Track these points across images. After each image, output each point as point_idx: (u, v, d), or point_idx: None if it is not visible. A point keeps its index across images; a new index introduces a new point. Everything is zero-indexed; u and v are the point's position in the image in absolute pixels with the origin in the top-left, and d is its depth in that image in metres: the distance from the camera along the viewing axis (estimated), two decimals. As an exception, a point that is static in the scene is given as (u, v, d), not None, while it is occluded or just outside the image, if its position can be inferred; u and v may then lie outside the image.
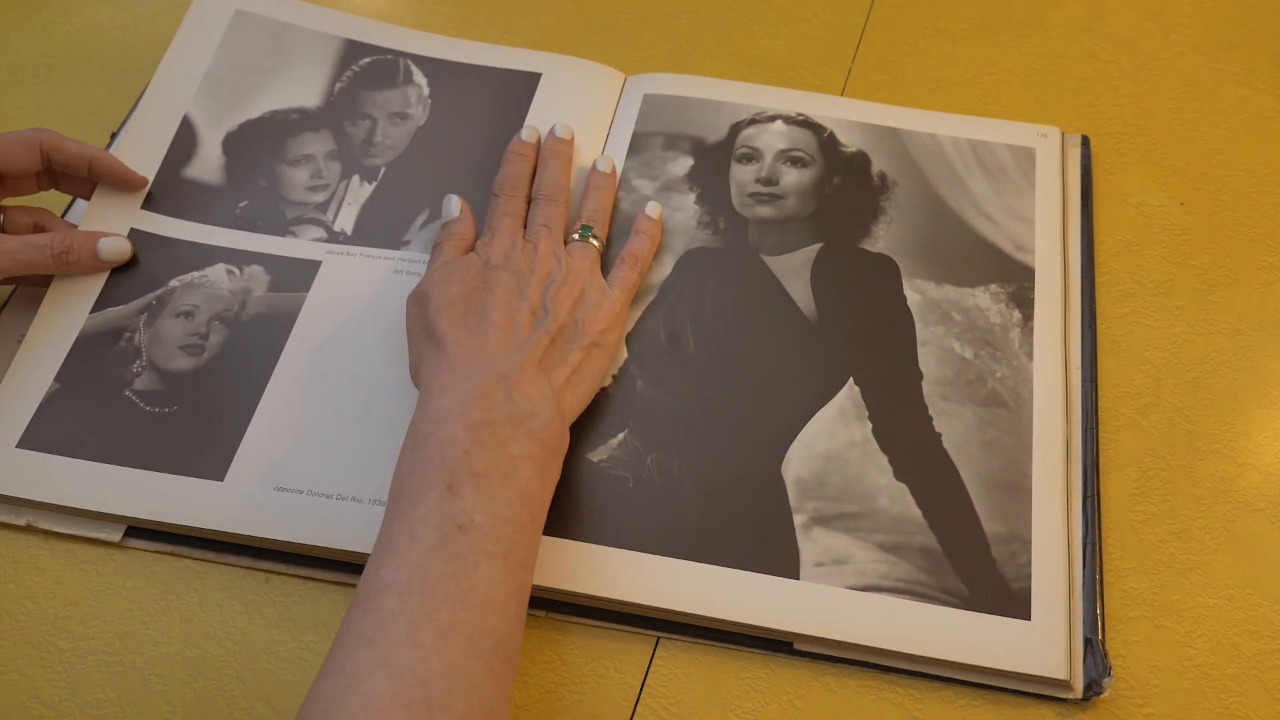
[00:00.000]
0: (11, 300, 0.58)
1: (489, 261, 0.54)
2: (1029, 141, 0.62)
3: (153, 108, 0.63)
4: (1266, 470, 0.53)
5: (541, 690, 0.48)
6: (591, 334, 0.52)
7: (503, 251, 0.54)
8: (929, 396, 0.54)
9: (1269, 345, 0.57)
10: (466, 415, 0.46)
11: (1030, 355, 0.55)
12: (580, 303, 0.53)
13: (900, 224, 0.59)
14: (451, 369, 0.49)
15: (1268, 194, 0.62)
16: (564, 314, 0.52)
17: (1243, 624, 0.49)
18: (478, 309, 0.51)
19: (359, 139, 0.63)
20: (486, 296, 0.52)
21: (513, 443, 0.46)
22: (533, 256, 0.54)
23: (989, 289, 0.57)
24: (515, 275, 0.53)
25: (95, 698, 0.48)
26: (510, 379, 0.48)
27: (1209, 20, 0.69)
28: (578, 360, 0.52)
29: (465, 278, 0.53)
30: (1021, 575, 0.49)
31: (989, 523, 0.50)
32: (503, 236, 0.55)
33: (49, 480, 0.51)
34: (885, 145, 0.62)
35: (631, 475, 0.51)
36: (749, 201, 0.60)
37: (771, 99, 0.64)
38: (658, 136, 0.62)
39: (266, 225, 0.60)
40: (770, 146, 0.62)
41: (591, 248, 0.56)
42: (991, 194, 0.60)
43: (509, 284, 0.53)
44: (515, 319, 0.51)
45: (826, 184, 0.60)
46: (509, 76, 0.65)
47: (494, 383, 0.48)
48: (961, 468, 0.52)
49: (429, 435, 0.46)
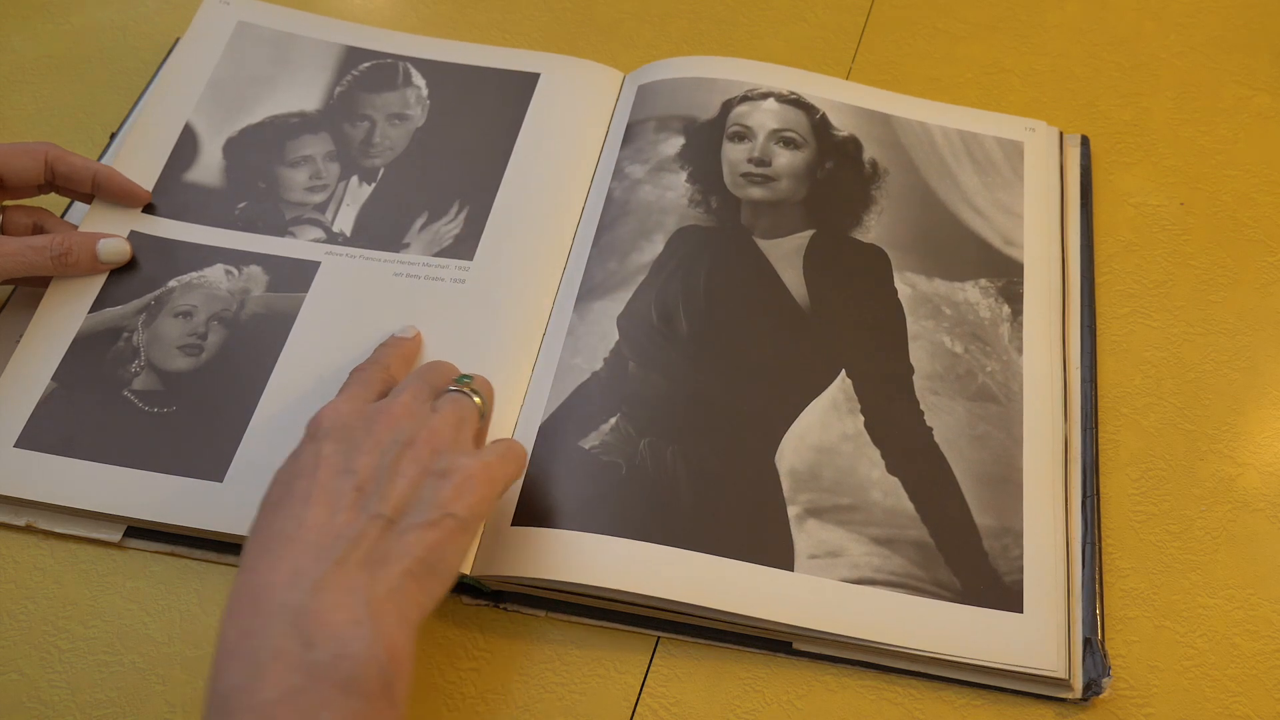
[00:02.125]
0: (10, 300, 0.58)
1: (312, 433, 0.43)
2: (1017, 135, 0.62)
3: (155, 116, 0.63)
4: (1266, 470, 0.53)
5: (541, 690, 0.48)
6: (444, 502, 0.41)
7: (333, 415, 0.44)
8: (920, 390, 0.53)
9: (1269, 345, 0.57)
10: (253, 696, 0.35)
11: (1020, 350, 0.55)
12: (432, 465, 0.42)
13: (891, 214, 0.59)
14: (237, 599, 0.38)
15: (1268, 194, 0.62)
16: (404, 487, 0.41)
17: (1243, 624, 0.49)
18: (285, 505, 0.41)
19: (358, 140, 0.63)
20: (299, 484, 0.41)
21: (325, 710, 0.35)
22: (375, 416, 0.43)
23: (978, 283, 0.57)
24: (343, 444, 0.42)
25: (95, 698, 0.48)
26: (305, 614, 0.37)
27: (1209, 20, 0.69)
28: (423, 545, 0.40)
29: (284, 469, 0.43)
30: (1014, 569, 0.49)
31: (981, 516, 0.50)
32: (340, 401, 0.45)
33: (47, 480, 0.51)
34: (877, 132, 0.62)
35: (624, 461, 0.51)
36: (741, 182, 0.60)
37: (763, 76, 0.63)
38: (649, 121, 0.62)
39: (265, 226, 0.60)
40: (762, 125, 0.61)
41: (467, 401, 0.46)
42: (980, 187, 0.60)
43: (331, 457, 0.42)
44: (334, 505, 0.40)
45: (819, 168, 0.60)
46: (507, 77, 0.65)
47: (284, 630, 0.36)
48: (953, 462, 0.52)
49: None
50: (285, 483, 0.42)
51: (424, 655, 0.49)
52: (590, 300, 0.56)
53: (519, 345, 0.55)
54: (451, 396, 0.46)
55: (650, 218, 0.58)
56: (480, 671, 0.49)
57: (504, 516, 0.50)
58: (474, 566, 0.49)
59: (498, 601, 0.50)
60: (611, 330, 0.55)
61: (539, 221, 0.60)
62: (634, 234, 0.58)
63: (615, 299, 0.56)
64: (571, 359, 0.54)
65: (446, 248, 0.58)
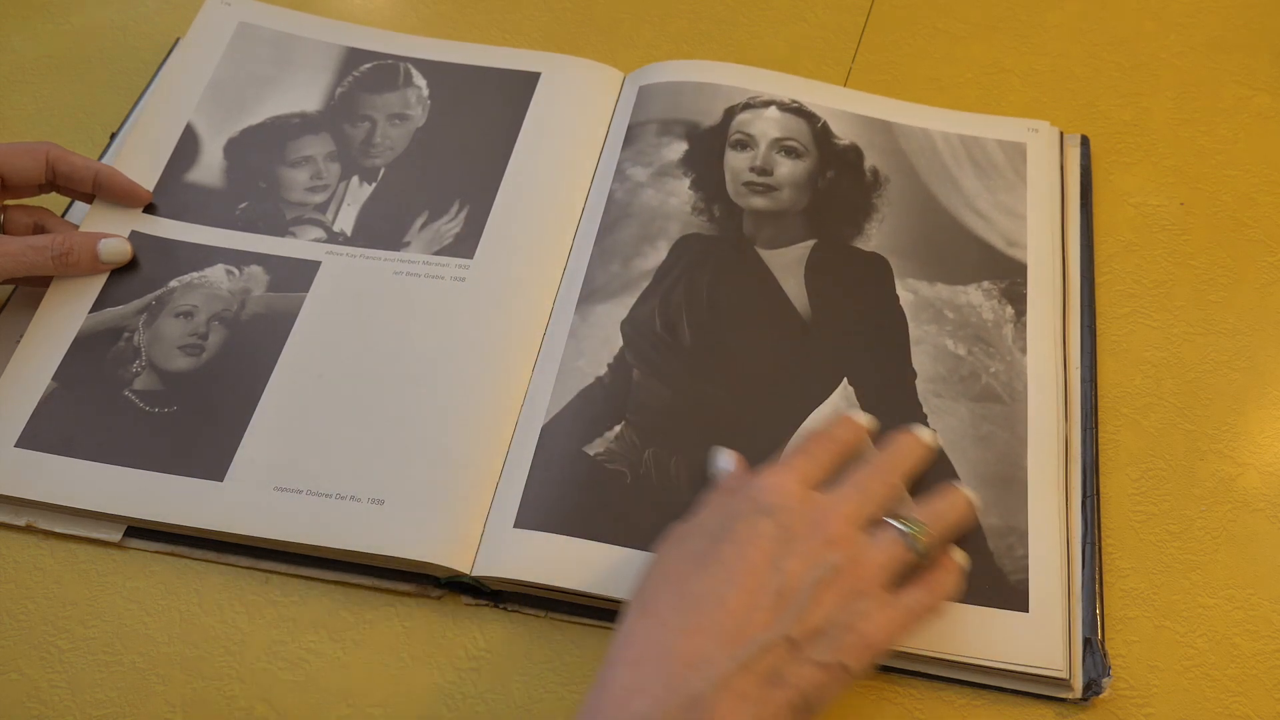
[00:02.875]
0: (10, 300, 0.58)
1: (754, 500, 0.42)
2: (1020, 137, 0.62)
3: (156, 116, 0.63)
4: (1266, 470, 0.53)
5: (541, 690, 0.48)
6: (844, 650, 0.40)
7: (779, 491, 0.42)
8: (923, 394, 0.54)
9: (1269, 345, 0.57)
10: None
11: (1024, 350, 0.55)
12: (848, 605, 0.40)
13: (892, 222, 0.59)
14: (635, 665, 0.38)
15: (1268, 194, 0.62)
16: (819, 618, 0.39)
17: (1243, 624, 0.49)
18: (710, 568, 0.40)
19: (358, 140, 0.63)
20: (728, 551, 0.40)
21: None
22: (818, 520, 0.41)
23: (981, 286, 0.57)
24: (781, 533, 0.41)
25: (95, 698, 0.48)
26: (702, 705, 0.37)
27: (1209, 20, 0.69)
28: (812, 684, 0.39)
29: (714, 520, 0.42)
30: (1019, 567, 0.49)
31: (985, 516, 0.50)
32: (788, 474, 0.43)
33: (48, 480, 0.51)
34: (878, 139, 0.62)
35: (629, 470, 0.51)
36: (744, 191, 0.60)
37: (765, 83, 0.64)
38: (651, 124, 0.62)
39: (266, 226, 0.60)
40: (764, 134, 0.62)
41: (905, 550, 0.43)
42: (982, 190, 0.60)
43: (766, 542, 0.40)
44: (755, 599, 0.39)
45: (820, 177, 0.60)
46: (508, 76, 0.65)
47: (678, 712, 0.37)
48: (957, 463, 0.52)
49: None
50: (713, 535, 0.41)
51: (424, 655, 0.49)
52: (593, 303, 0.56)
53: (519, 344, 0.55)
54: (893, 536, 0.43)
55: (653, 223, 0.58)
56: (480, 671, 0.49)
57: (506, 517, 0.50)
58: (475, 566, 0.49)
59: (498, 601, 0.50)
60: (615, 335, 0.55)
61: (540, 220, 0.60)
62: (636, 238, 0.58)
63: (619, 303, 0.56)
64: (574, 361, 0.54)
65: (447, 246, 0.58)
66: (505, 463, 0.52)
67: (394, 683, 0.48)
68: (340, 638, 0.50)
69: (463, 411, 0.53)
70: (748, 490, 0.43)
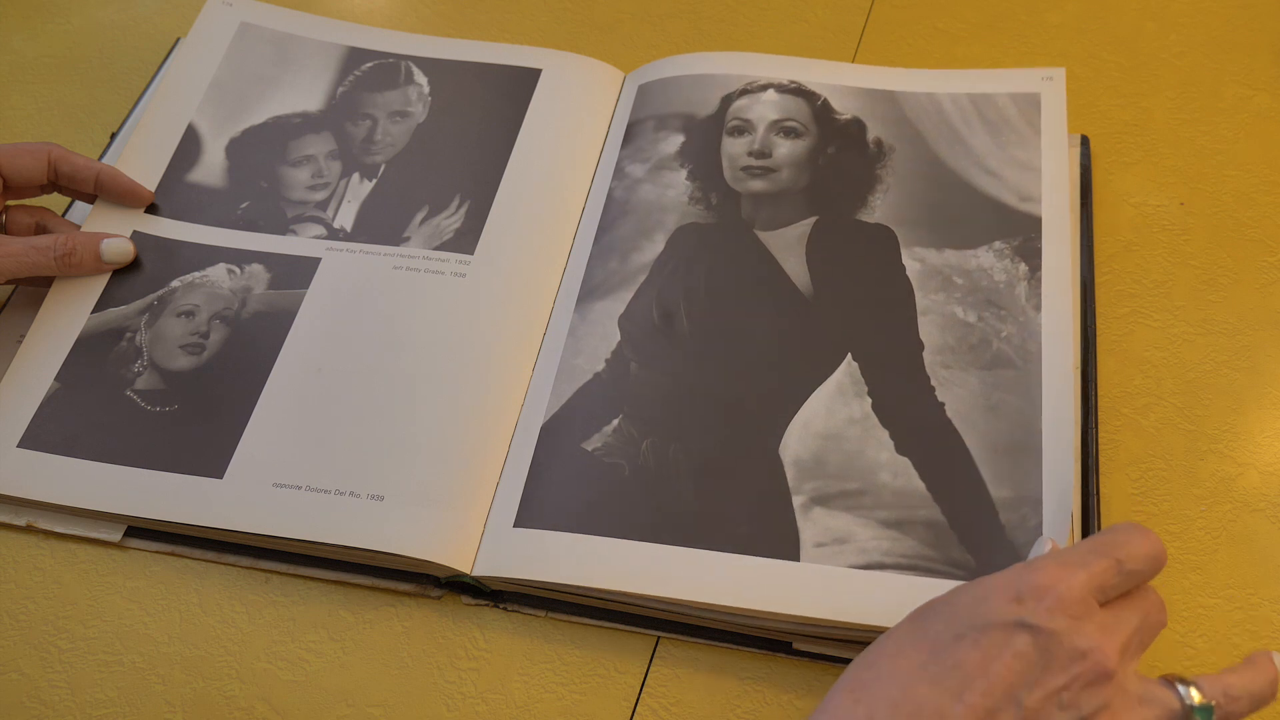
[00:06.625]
0: (12, 300, 0.58)
1: (1020, 597, 0.36)
2: (1033, 87, 0.61)
3: (157, 116, 0.63)
4: (1266, 470, 0.53)
5: (541, 690, 0.48)
6: None
7: (1057, 598, 0.36)
8: (930, 366, 0.53)
9: (1269, 345, 0.57)
10: None
11: (1038, 307, 0.54)
12: None
13: (898, 192, 0.58)
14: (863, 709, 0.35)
15: (1268, 194, 0.62)
16: None
17: (1243, 624, 0.49)
18: (939, 672, 0.35)
19: (359, 138, 0.63)
20: (969, 658, 0.35)
21: None
22: (1088, 641, 0.36)
23: (992, 247, 0.56)
24: (1038, 657, 0.35)
25: (95, 697, 0.48)
26: None
27: (1209, 20, 0.69)
28: None
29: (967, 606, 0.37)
30: (1033, 540, 0.48)
31: (996, 489, 0.49)
32: (1076, 578, 0.37)
33: (49, 480, 0.52)
34: (881, 110, 0.61)
35: (627, 463, 0.51)
36: (741, 175, 0.59)
37: (764, 67, 0.63)
38: (649, 120, 0.62)
39: (267, 225, 0.60)
40: (762, 117, 0.61)
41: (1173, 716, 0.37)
42: (994, 147, 0.59)
43: (1017, 666, 0.35)
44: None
45: (820, 154, 0.60)
46: (508, 73, 0.65)
47: None
48: (966, 435, 0.51)
49: None
50: (957, 631, 0.36)
51: (424, 655, 0.49)
52: (591, 300, 0.56)
53: (520, 339, 0.56)
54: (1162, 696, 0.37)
55: (650, 217, 0.58)
56: (480, 671, 0.49)
57: (506, 517, 0.50)
58: (475, 567, 0.49)
59: (498, 601, 0.50)
60: (613, 331, 0.55)
61: (540, 216, 0.60)
62: (634, 233, 0.58)
63: (617, 299, 0.56)
64: (573, 359, 0.54)
65: (447, 241, 0.58)
66: (505, 462, 0.52)
67: (394, 683, 0.49)
68: (340, 638, 0.50)
69: (463, 407, 0.53)
70: (1019, 585, 0.37)
